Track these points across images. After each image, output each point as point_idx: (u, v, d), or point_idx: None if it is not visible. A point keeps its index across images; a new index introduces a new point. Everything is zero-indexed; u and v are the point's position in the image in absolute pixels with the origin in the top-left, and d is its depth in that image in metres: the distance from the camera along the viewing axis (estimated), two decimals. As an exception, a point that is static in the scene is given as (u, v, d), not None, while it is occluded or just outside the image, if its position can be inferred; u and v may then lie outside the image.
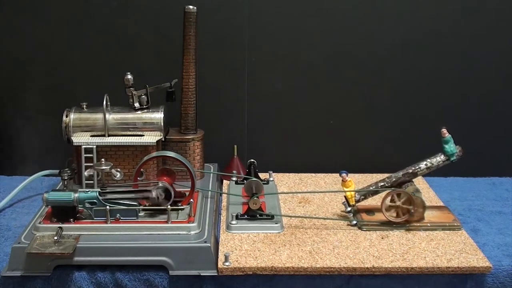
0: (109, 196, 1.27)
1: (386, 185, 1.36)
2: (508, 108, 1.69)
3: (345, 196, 1.38)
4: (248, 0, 1.60)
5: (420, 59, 1.64)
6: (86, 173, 1.37)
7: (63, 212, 1.25)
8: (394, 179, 1.36)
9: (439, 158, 1.36)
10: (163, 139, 1.48)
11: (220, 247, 1.24)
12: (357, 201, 1.38)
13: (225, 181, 1.60)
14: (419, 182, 1.47)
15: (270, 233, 1.31)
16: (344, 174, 1.36)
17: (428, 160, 1.36)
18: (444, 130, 1.34)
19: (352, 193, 1.37)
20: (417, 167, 1.36)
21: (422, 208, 1.33)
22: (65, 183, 1.38)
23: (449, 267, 1.19)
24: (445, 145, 1.34)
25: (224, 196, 1.50)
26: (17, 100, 1.66)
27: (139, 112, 1.48)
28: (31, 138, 1.68)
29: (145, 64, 1.62)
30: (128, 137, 1.45)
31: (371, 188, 1.38)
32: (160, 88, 1.51)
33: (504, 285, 1.22)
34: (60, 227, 1.22)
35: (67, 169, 1.40)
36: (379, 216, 1.35)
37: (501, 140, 1.71)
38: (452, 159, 1.35)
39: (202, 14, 1.49)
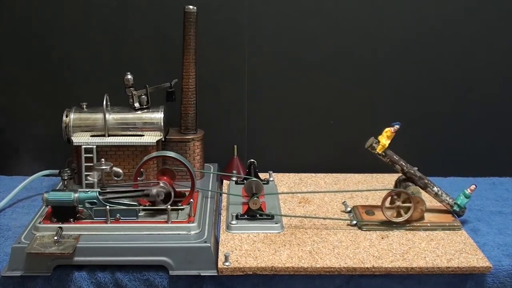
0: (109, 196, 1.27)
1: (404, 168, 1.37)
2: (508, 108, 1.69)
3: (378, 140, 1.35)
4: (248, 0, 1.60)
5: (420, 59, 1.64)
6: (90, 178, 1.35)
7: (63, 212, 1.25)
8: (411, 171, 1.37)
9: (448, 198, 1.39)
10: (163, 139, 1.48)
11: (220, 247, 1.24)
12: (379, 153, 1.36)
13: (225, 181, 1.60)
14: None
15: (270, 233, 1.31)
16: (397, 126, 1.34)
17: (442, 191, 1.39)
18: (473, 187, 1.37)
19: (387, 144, 1.35)
20: (431, 184, 1.38)
21: (422, 208, 1.33)
22: (65, 183, 1.38)
23: (449, 267, 1.19)
24: (462, 196, 1.38)
25: (224, 196, 1.50)
26: (17, 100, 1.66)
27: (139, 112, 1.48)
28: (31, 138, 1.68)
29: (145, 64, 1.62)
30: (128, 137, 1.45)
31: (394, 157, 1.37)
32: (160, 88, 1.51)
33: (504, 285, 1.22)
34: (60, 227, 1.22)
35: (67, 169, 1.40)
36: (379, 216, 1.35)
37: (501, 140, 1.71)
38: (454, 208, 1.38)
39: (202, 14, 1.49)
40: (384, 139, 1.35)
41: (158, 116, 1.48)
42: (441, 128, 1.70)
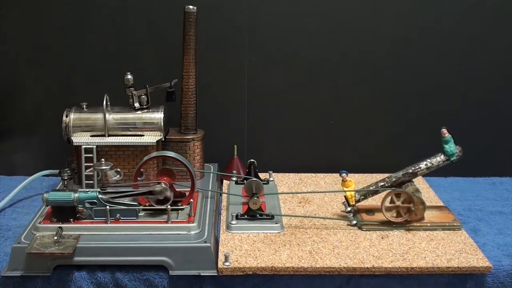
0: (109, 196, 1.27)
1: (386, 185, 1.36)
2: (508, 108, 1.69)
3: (345, 196, 1.38)
4: (248, 0, 1.60)
5: (420, 59, 1.64)
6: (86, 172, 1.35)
7: (63, 212, 1.25)
8: (394, 179, 1.36)
9: (439, 158, 1.36)
10: (163, 139, 1.48)
11: (220, 247, 1.24)
12: (357, 201, 1.38)
13: (225, 181, 1.60)
14: (419, 182, 1.47)
15: (270, 233, 1.31)
16: (344, 174, 1.36)
17: (428, 160, 1.36)
18: (444, 130, 1.34)
19: (352, 193, 1.37)
20: (417, 167, 1.36)
21: (422, 208, 1.33)
22: (65, 183, 1.38)
23: (449, 267, 1.19)
24: (445, 145, 1.34)
25: (224, 196, 1.50)
26: (17, 100, 1.66)
27: (139, 112, 1.48)
28: (31, 138, 1.68)
29: (145, 64, 1.62)
30: (128, 137, 1.45)
31: (371, 188, 1.38)
32: (160, 88, 1.51)
33: (504, 285, 1.22)
34: (60, 227, 1.22)
35: (67, 169, 1.40)
36: (379, 216, 1.35)
37: (501, 140, 1.71)
38: (452, 159, 1.35)
39: (202, 14, 1.49)
40: (348, 192, 1.36)
41: (158, 116, 1.48)
42: (441, 128, 1.70)
